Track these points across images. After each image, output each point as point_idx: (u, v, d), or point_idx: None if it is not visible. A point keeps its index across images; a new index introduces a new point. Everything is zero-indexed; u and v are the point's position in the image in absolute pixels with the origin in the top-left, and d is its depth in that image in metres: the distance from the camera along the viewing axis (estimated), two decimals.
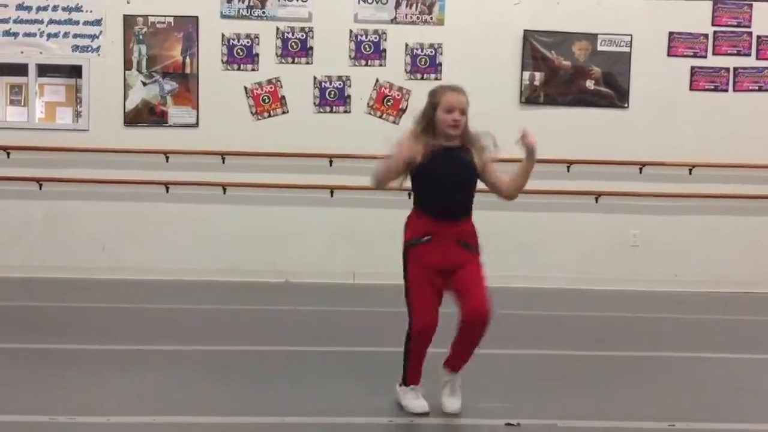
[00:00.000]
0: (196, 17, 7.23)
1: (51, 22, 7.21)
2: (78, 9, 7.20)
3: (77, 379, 3.88)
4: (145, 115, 7.27)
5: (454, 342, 3.39)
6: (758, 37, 7.41)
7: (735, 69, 7.42)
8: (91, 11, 7.21)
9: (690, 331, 5.55)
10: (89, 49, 7.24)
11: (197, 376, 3.98)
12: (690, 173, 7.38)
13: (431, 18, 7.33)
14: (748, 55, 7.42)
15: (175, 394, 3.68)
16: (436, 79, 7.29)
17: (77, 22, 7.23)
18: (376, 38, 7.31)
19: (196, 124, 7.29)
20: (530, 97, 7.36)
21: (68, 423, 3.24)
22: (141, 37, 7.22)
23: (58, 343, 4.61)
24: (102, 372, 4.01)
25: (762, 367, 4.51)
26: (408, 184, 3.49)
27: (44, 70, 7.50)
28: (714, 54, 7.41)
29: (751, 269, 7.42)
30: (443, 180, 3.33)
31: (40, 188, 7.22)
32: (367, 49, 7.32)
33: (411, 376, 3.44)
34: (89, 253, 7.23)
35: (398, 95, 7.30)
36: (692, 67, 7.41)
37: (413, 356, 3.39)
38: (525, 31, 7.30)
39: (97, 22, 7.22)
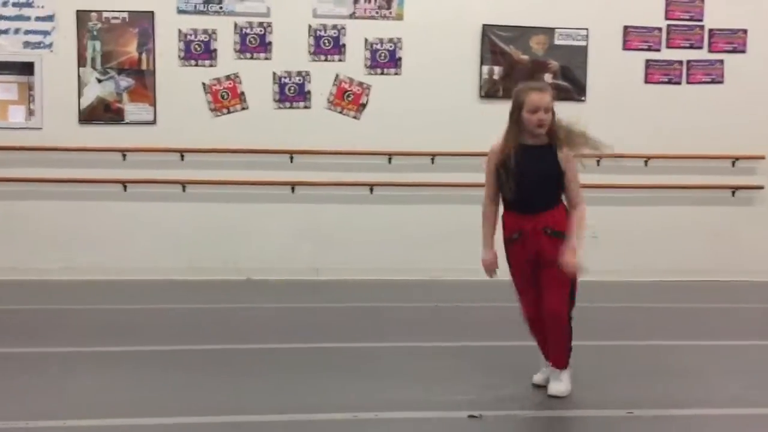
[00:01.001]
0: (152, 12, 7.12)
1: (1, 18, 7.03)
2: (29, 4, 7.03)
3: (30, 382, 3.79)
4: (101, 113, 7.14)
5: None
6: (710, 30, 7.57)
7: (688, 62, 7.57)
8: (42, 6, 7.05)
9: (647, 320, 5.66)
10: (41, 45, 7.08)
11: (156, 376, 3.93)
12: (646, 165, 7.52)
13: (390, 13, 7.33)
14: (701, 48, 7.58)
15: (135, 395, 3.63)
16: (396, 74, 7.31)
17: (28, 18, 7.06)
18: (335, 33, 7.28)
19: (154, 121, 7.18)
20: (489, 91, 7.41)
21: (23, 428, 3.17)
22: (95, 32, 7.09)
23: (12, 347, 4.50)
24: (57, 375, 3.94)
25: (717, 352, 4.62)
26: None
27: None
28: (668, 47, 7.55)
29: (706, 258, 7.59)
30: (520, 178, 3.49)
31: None
32: (327, 44, 7.29)
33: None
34: (44, 254, 7.08)
35: (358, 90, 7.29)
36: (647, 61, 7.54)
37: (534, 338, 3.73)
38: (484, 25, 7.34)
39: (49, 18, 7.06)
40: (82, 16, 7.07)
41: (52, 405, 3.47)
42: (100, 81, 7.12)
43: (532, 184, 3.50)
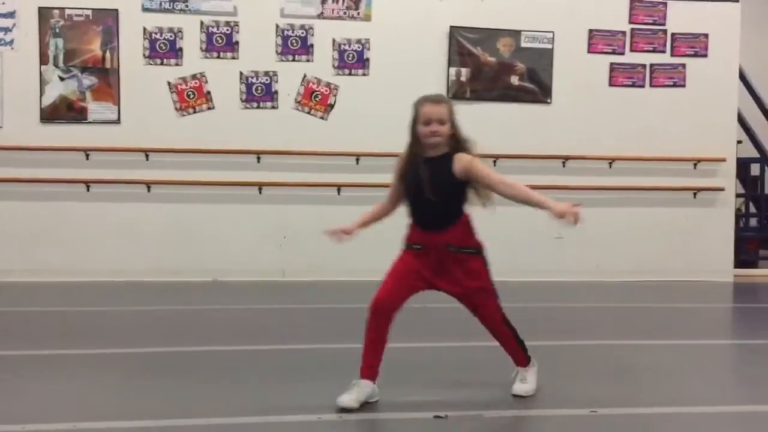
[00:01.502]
0: (116, 10, 7.03)
1: None
2: None
3: None
4: (63, 112, 7.03)
5: None
6: (673, 34, 7.71)
7: (651, 65, 7.70)
8: (3, 3, 6.93)
9: (611, 320, 5.73)
10: (2, 42, 6.95)
11: (121, 379, 3.87)
12: (610, 167, 7.63)
13: (358, 13, 7.33)
14: (663, 51, 7.71)
15: (98, 398, 3.57)
16: (364, 74, 7.31)
17: None
18: (303, 33, 7.26)
19: (118, 121, 7.09)
20: (457, 93, 7.45)
21: None
22: (57, 30, 6.97)
23: None
24: (20, 378, 3.86)
25: (680, 351, 4.70)
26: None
27: None
28: (631, 51, 7.67)
29: (668, 258, 7.72)
30: (421, 191, 3.39)
31: None
32: (294, 44, 7.26)
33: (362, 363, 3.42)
34: (6, 256, 6.94)
35: (326, 90, 7.28)
36: (611, 64, 7.65)
37: (365, 337, 3.41)
38: (451, 27, 7.39)
39: (10, 15, 6.94)
40: (44, 13, 6.95)
41: (10, 409, 3.40)
42: (62, 79, 7.01)
43: (429, 200, 3.39)
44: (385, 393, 3.63)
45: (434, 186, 3.38)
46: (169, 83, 7.13)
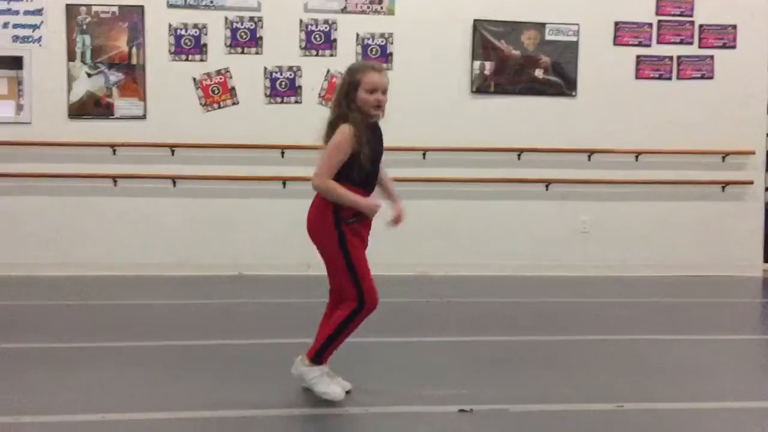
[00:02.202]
0: (142, 6, 7.08)
1: None
2: None
3: (23, 378, 3.78)
4: (91, 108, 7.11)
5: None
6: (700, 26, 7.59)
7: (678, 57, 7.59)
8: (31, 0, 7.00)
9: (638, 315, 5.68)
10: (30, 39, 7.03)
11: (149, 372, 3.92)
12: (636, 160, 7.54)
13: (381, 8, 7.31)
14: (691, 43, 7.60)
15: (126, 390, 3.62)
16: (387, 69, 7.28)
17: (17, 12, 7.01)
18: (326, 28, 7.27)
19: (144, 116, 7.16)
20: (481, 87, 7.41)
21: (13, 423, 3.16)
22: (84, 27, 7.05)
23: (7, 343, 4.48)
24: (50, 370, 3.92)
25: (708, 347, 4.65)
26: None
27: None
28: (658, 43, 7.58)
29: (696, 253, 7.63)
30: (375, 155, 3.42)
31: None
32: (318, 39, 7.27)
33: (328, 354, 3.44)
34: (35, 250, 7.05)
35: None
36: (638, 56, 7.56)
37: (348, 333, 3.39)
38: (475, 20, 7.35)
39: (38, 12, 7.02)
40: (71, 10, 7.03)
41: (41, 400, 3.46)
42: (89, 75, 7.09)
43: (376, 163, 3.46)
44: (411, 387, 3.64)
45: (381, 151, 3.49)
46: (194, 79, 7.18)
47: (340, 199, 3.34)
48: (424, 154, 7.32)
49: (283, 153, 7.18)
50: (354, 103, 3.34)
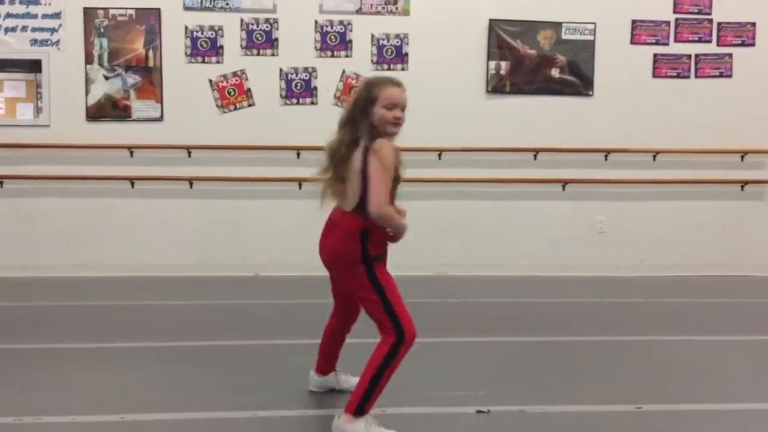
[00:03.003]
0: (158, 9, 7.12)
1: (8, 15, 7.05)
2: (36, 2, 7.05)
3: (42, 378, 3.81)
4: (108, 110, 7.16)
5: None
6: (719, 24, 7.52)
7: (696, 56, 7.53)
8: (49, 4, 7.06)
9: (656, 315, 5.64)
10: (48, 43, 7.10)
11: (166, 372, 3.94)
12: (654, 159, 7.49)
13: (396, 8, 7.31)
14: (709, 41, 7.53)
15: (144, 391, 3.64)
16: (403, 69, 7.29)
17: (35, 16, 7.07)
18: (341, 29, 7.27)
19: (161, 118, 7.20)
20: (497, 87, 7.39)
21: (33, 423, 3.19)
22: (102, 30, 7.10)
23: (23, 343, 4.53)
24: (68, 371, 3.95)
25: (727, 348, 4.60)
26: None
27: (2, 65, 7.37)
28: (676, 41, 7.51)
29: (714, 253, 7.56)
30: (397, 180, 3.13)
31: (1, 186, 7.08)
32: (333, 40, 7.28)
33: (373, 401, 3.02)
34: (53, 251, 7.11)
35: None
36: (655, 55, 7.50)
37: (392, 371, 3.03)
38: (490, 20, 7.32)
39: (56, 15, 7.08)
40: (89, 13, 7.08)
41: (60, 401, 3.49)
42: (107, 78, 7.14)
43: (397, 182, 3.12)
44: (427, 388, 3.63)
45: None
46: (210, 81, 7.21)
47: (392, 222, 3.06)
48: (440, 155, 7.30)
49: (298, 154, 7.20)
50: (369, 120, 3.08)
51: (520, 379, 3.84)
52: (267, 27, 7.22)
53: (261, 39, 7.22)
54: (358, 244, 3.11)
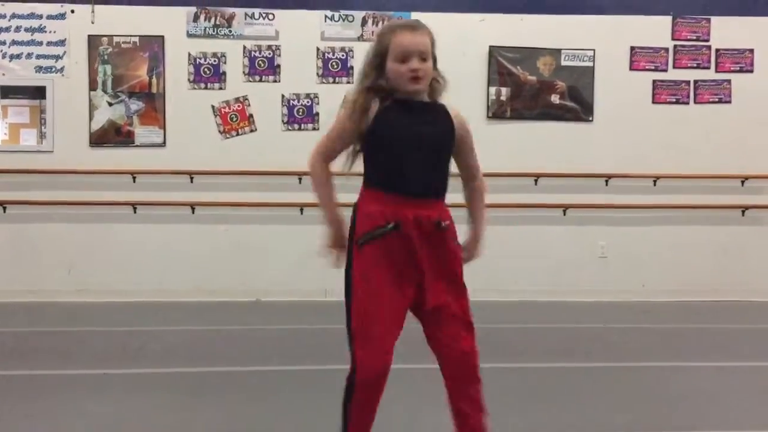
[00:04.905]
0: (162, 37, 7.20)
1: (13, 43, 7.13)
2: (41, 30, 7.14)
3: (44, 405, 3.80)
4: (111, 136, 7.21)
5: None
6: (717, 50, 7.59)
7: (695, 82, 7.59)
8: (54, 32, 7.15)
9: (658, 341, 5.62)
10: (53, 69, 7.16)
11: (167, 399, 3.93)
12: (654, 184, 7.51)
13: None
14: (708, 68, 7.59)
15: (146, 418, 3.62)
16: None
17: (40, 43, 7.16)
18: (343, 56, 7.34)
19: (164, 144, 7.24)
20: (497, 112, 7.44)
21: None
22: (106, 57, 7.17)
23: (25, 369, 4.51)
24: (70, 398, 3.94)
25: (730, 374, 4.58)
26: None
27: (7, 91, 7.43)
28: (675, 67, 7.57)
29: (716, 277, 7.55)
30: (409, 141, 2.46)
31: (4, 211, 7.11)
32: (335, 67, 7.35)
33: None
34: (55, 277, 7.12)
35: None
36: (654, 81, 7.56)
37: (356, 414, 2.44)
38: (490, 47, 7.39)
39: (61, 43, 7.16)
40: (93, 41, 7.16)
41: (63, 428, 3.47)
42: (110, 104, 7.20)
43: (426, 151, 2.47)
44: (435, 416, 3.61)
45: (428, 137, 2.50)
46: (212, 107, 7.26)
47: (315, 193, 2.51)
48: None
49: (300, 179, 7.21)
50: (382, 79, 2.46)
51: (521, 406, 3.82)
52: (269, 54, 7.29)
53: (263, 65, 7.29)
54: (352, 220, 2.54)
